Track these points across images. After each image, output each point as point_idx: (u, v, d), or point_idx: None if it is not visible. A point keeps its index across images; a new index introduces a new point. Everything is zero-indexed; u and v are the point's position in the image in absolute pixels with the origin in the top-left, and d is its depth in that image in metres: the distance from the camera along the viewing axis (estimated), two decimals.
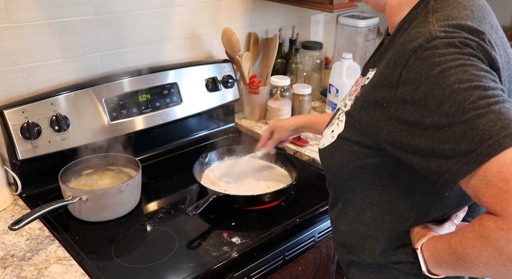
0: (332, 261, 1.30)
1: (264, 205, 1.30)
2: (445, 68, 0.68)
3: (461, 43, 0.70)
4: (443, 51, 0.70)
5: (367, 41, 2.07)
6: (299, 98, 1.78)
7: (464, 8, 0.75)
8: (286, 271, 1.17)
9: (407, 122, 0.73)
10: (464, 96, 0.67)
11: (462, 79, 0.67)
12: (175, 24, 1.59)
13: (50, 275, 1.03)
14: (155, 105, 1.49)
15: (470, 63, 0.69)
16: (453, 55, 0.69)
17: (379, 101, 0.78)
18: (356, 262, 0.96)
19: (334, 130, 0.92)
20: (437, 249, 0.76)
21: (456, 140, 0.67)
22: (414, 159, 0.74)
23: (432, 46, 0.71)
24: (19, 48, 1.29)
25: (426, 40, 0.71)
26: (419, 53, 0.71)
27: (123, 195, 1.23)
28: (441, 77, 0.68)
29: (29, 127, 1.24)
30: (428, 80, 0.70)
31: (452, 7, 0.76)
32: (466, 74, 0.68)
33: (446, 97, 0.68)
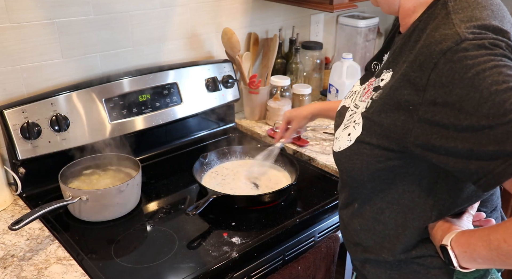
0: (332, 261, 1.30)
1: (264, 205, 1.30)
2: (479, 70, 0.69)
3: (490, 44, 0.71)
4: (474, 53, 0.70)
5: (367, 41, 2.07)
6: (299, 98, 1.78)
7: (484, 8, 0.76)
8: (286, 271, 1.17)
9: (440, 124, 0.73)
10: (503, 97, 0.67)
11: (499, 80, 0.68)
12: (175, 24, 1.59)
13: (50, 275, 1.03)
14: (155, 105, 1.49)
15: (503, 64, 0.70)
16: (485, 57, 0.70)
17: (404, 104, 0.78)
18: (372, 260, 0.97)
19: (351, 134, 0.91)
20: (472, 245, 0.77)
21: (499, 141, 0.68)
22: (449, 161, 0.74)
23: (462, 48, 0.71)
24: (19, 48, 1.29)
25: (455, 42, 0.71)
26: (449, 56, 0.71)
27: (123, 195, 1.23)
28: (476, 80, 0.69)
29: (29, 127, 1.24)
30: (462, 83, 0.70)
31: (472, 8, 0.76)
32: (501, 75, 0.68)
33: (484, 100, 0.68)
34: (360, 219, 0.97)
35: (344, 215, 1.03)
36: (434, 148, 0.75)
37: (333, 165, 1.48)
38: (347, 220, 1.02)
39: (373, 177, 0.90)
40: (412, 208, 0.89)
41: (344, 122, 0.97)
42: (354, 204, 0.99)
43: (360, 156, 0.89)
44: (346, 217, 1.02)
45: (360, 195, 0.96)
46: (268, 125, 1.78)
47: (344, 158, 0.93)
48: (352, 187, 0.97)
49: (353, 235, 1.00)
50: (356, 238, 0.99)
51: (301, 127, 1.43)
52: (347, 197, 1.01)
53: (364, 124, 0.88)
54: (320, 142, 1.64)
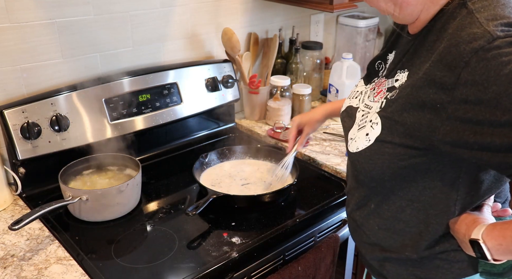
0: (332, 261, 1.30)
1: (264, 205, 1.30)
2: None
3: None
4: (508, 50, 0.71)
5: (367, 41, 2.07)
6: (299, 98, 1.78)
7: (505, 6, 0.77)
8: (286, 271, 1.17)
9: (473, 121, 0.74)
10: None
11: None
12: (175, 24, 1.59)
13: (50, 275, 1.03)
14: (155, 105, 1.49)
15: None
16: None
17: (429, 103, 0.78)
18: (393, 258, 0.98)
19: (369, 133, 0.91)
20: (508, 238, 0.79)
21: None
22: (484, 156, 0.76)
23: (495, 46, 0.72)
24: (19, 48, 1.29)
25: (487, 41, 0.72)
26: (482, 54, 0.72)
27: (123, 195, 1.23)
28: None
29: (29, 127, 1.24)
30: (499, 80, 0.71)
31: (494, 6, 0.77)
32: None
33: None
34: (378, 218, 0.97)
35: (358, 216, 1.03)
36: (466, 144, 0.76)
37: (333, 165, 1.48)
38: (361, 221, 1.02)
39: (394, 175, 0.90)
40: (434, 204, 0.89)
41: (357, 123, 0.97)
42: (370, 204, 0.99)
43: (382, 155, 0.89)
44: (360, 218, 1.02)
45: (377, 194, 0.96)
46: (268, 125, 1.78)
47: (364, 158, 0.92)
48: (369, 187, 0.97)
49: (369, 235, 1.00)
50: (373, 238, 0.99)
51: (314, 131, 1.39)
52: (362, 197, 1.00)
53: (383, 123, 0.88)
54: (320, 142, 1.64)
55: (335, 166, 1.47)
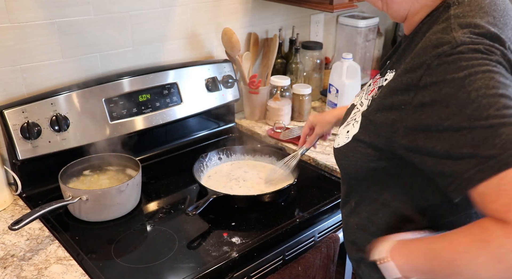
0: (332, 261, 1.30)
1: (264, 205, 1.30)
2: (472, 72, 0.68)
3: (486, 50, 0.70)
4: (469, 55, 0.70)
5: (367, 41, 2.07)
6: (299, 98, 1.78)
7: (486, 14, 0.75)
8: (286, 271, 1.17)
9: (425, 125, 0.73)
10: (490, 102, 0.67)
11: (489, 85, 0.67)
12: (175, 24, 1.59)
13: (50, 275, 1.03)
14: (155, 105, 1.49)
15: (496, 70, 0.69)
16: (480, 60, 0.69)
17: (396, 104, 0.78)
18: (366, 260, 0.95)
19: (350, 131, 0.91)
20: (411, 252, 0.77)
21: (475, 144, 0.67)
22: (428, 162, 0.74)
23: (458, 51, 0.71)
24: (19, 48, 1.29)
25: (451, 46, 0.71)
26: (444, 58, 0.71)
27: (123, 195, 1.23)
28: (467, 81, 0.68)
29: (29, 127, 1.24)
30: (453, 82, 0.70)
31: (474, 13, 0.75)
32: (493, 80, 0.68)
33: (471, 101, 0.68)
34: (357, 218, 0.97)
35: (343, 213, 1.03)
36: (417, 148, 0.75)
37: (333, 165, 1.48)
38: (345, 218, 1.02)
39: (367, 176, 0.90)
40: (404, 212, 0.87)
41: (347, 120, 0.97)
42: (351, 202, 0.99)
43: (355, 153, 0.89)
44: (344, 215, 1.03)
45: (356, 193, 0.96)
46: (268, 125, 1.78)
47: (341, 154, 0.93)
48: (349, 184, 0.98)
49: (350, 233, 1.00)
50: (353, 237, 0.99)
51: (325, 133, 1.36)
52: (345, 194, 1.01)
53: (361, 122, 0.88)
54: (320, 142, 1.64)
55: (335, 166, 1.47)
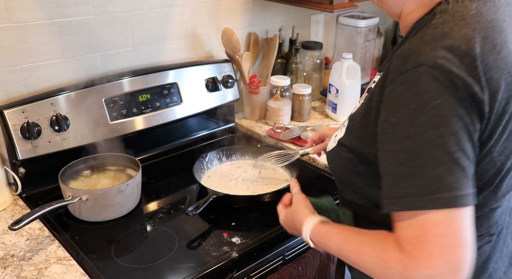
0: (332, 261, 1.30)
1: (264, 205, 1.30)
2: (422, 105, 0.68)
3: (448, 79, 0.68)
4: (425, 85, 0.68)
5: (367, 41, 2.07)
6: (299, 98, 1.78)
7: (466, 26, 0.72)
8: (286, 271, 1.17)
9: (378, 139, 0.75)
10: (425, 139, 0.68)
11: (431, 123, 0.67)
12: (175, 24, 1.59)
13: (50, 275, 1.03)
14: (155, 105, 1.49)
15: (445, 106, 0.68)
16: (433, 93, 0.68)
17: (369, 109, 0.79)
18: None
19: (337, 135, 0.93)
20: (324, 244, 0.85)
21: (400, 177, 0.70)
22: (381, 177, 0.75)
23: (417, 74, 0.69)
24: (19, 48, 1.29)
25: (414, 65, 0.70)
26: (405, 78, 0.70)
27: (123, 195, 1.23)
28: (414, 115, 0.69)
29: (29, 127, 1.24)
30: (403, 110, 0.70)
31: (453, 24, 0.72)
32: (437, 119, 0.67)
33: (410, 136, 0.69)
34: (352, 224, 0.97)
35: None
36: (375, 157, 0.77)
37: None
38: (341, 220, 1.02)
39: (351, 182, 0.90)
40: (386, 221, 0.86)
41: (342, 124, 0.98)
42: (344, 201, 0.99)
43: (339, 158, 0.90)
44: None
45: (346, 196, 0.95)
46: (268, 125, 1.78)
47: (330, 158, 0.94)
48: (339, 188, 0.98)
49: None
50: None
51: None
52: (340, 196, 1.01)
53: (347, 126, 0.89)
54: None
55: None
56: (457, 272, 0.65)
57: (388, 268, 0.70)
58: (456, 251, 0.65)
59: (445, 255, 0.65)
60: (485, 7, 0.75)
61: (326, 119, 1.85)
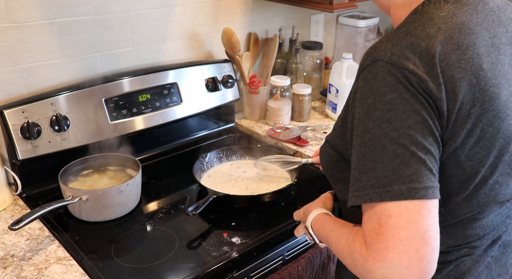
0: (332, 261, 1.30)
1: (264, 205, 1.30)
2: (377, 100, 0.70)
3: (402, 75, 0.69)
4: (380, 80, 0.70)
5: (367, 41, 2.07)
6: (299, 98, 1.78)
7: (431, 26, 0.72)
8: (286, 271, 1.17)
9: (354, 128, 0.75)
10: (380, 133, 0.69)
11: (384, 117, 0.69)
12: (175, 24, 1.59)
13: (50, 275, 1.03)
14: (155, 105, 1.49)
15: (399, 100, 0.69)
16: (388, 88, 0.69)
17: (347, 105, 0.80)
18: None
19: (327, 133, 0.94)
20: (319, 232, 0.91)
21: (362, 171, 0.71)
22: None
23: (375, 69, 0.71)
24: (19, 48, 1.29)
25: (373, 59, 0.72)
26: (366, 73, 0.73)
27: (123, 195, 1.23)
28: (371, 109, 0.71)
29: (29, 127, 1.24)
30: (363, 105, 0.72)
31: (419, 24, 0.73)
32: (390, 112, 0.69)
33: (368, 130, 0.71)
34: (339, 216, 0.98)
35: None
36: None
37: None
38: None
39: (335, 178, 0.91)
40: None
41: None
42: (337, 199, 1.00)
43: (324, 154, 0.92)
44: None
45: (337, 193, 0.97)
46: (268, 125, 1.78)
47: (320, 154, 0.95)
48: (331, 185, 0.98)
49: None
50: None
51: None
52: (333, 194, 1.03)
53: (335, 124, 0.90)
54: (320, 142, 1.64)
55: None
56: (412, 266, 0.65)
57: (354, 260, 0.72)
58: (409, 243, 0.65)
59: (397, 248, 0.65)
60: (460, 10, 0.75)
61: (326, 119, 1.85)
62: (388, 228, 0.66)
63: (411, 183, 0.67)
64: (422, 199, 0.66)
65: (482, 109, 0.73)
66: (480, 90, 0.72)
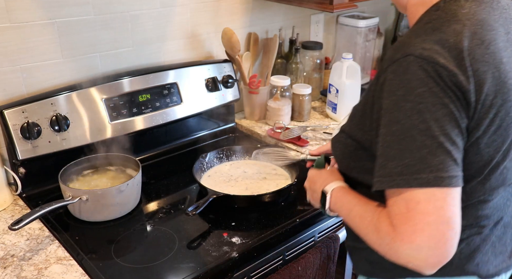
0: (332, 261, 1.30)
1: (264, 205, 1.30)
2: (408, 92, 0.74)
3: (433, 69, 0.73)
4: (411, 74, 0.74)
5: (367, 41, 2.07)
6: (299, 98, 1.78)
7: (456, 22, 0.77)
8: (286, 271, 1.17)
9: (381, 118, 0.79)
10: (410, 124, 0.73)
11: (415, 109, 0.73)
12: (175, 24, 1.59)
13: (50, 275, 1.03)
14: (155, 105, 1.49)
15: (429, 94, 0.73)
16: (419, 81, 0.73)
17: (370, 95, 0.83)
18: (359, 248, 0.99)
19: (341, 123, 0.98)
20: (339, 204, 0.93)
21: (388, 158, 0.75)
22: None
23: (405, 63, 0.75)
24: (19, 48, 1.29)
25: (403, 54, 0.76)
26: (395, 66, 0.76)
27: (123, 195, 1.23)
28: (401, 101, 0.74)
29: (29, 127, 1.24)
30: (392, 97, 0.76)
31: (445, 20, 0.78)
32: (421, 105, 0.73)
33: (397, 120, 0.75)
34: None
35: None
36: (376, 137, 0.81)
37: None
38: None
39: (350, 167, 0.95)
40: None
41: None
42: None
43: (340, 143, 0.95)
44: None
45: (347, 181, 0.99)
46: (268, 125, 1.78)
47: (332, 144, 1.00)
48: (343, 173, 1.01)
49: None
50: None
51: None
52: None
53: (350, 115, 0.94)
54: (320, 142, 1.64)
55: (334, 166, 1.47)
56: (437, 248, 0.71)
57: (380, 238, 0.77)
58: (436, 228, 0.70)
59: (425, 232, 0.70)
60: (479, 7, 0.80)
61: (326, 119, 1.85)
62: (416, 213, 0.71)
63: (438, 172, 0.71)
64: (448, 187, 0.71)
65: (502, 100, 0.78)
66: (501, 83, 0.78)
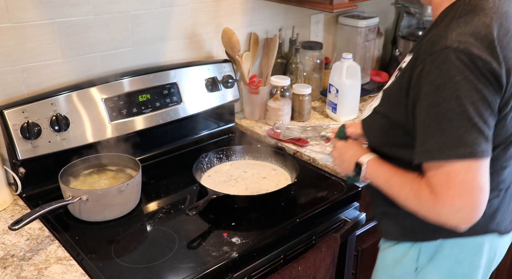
0: (332, 261, 1.30)
1: (264, 205, 1.30)
2: (447, 81, 0.85)
3: (469, 59, 0.84)
4: (450, 64, 0.85)
5: (367, 41, 2.07)
6: (299, 98, 1.78)
7: (485, 16, 0.89)
8: (286, 271, 1.17)
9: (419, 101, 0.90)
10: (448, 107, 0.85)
11: (453, 95, 0.85)
12: (175, 24, 1.59)
13: (50, 275, 1.03)
14: (155, 105, 1.49)
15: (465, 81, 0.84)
16: (456, 71, 0.84)
17: (405, 83, 0.94)
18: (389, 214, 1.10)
19: (372, 105, 1.09)
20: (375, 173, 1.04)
21: (427, 136, 0.88)
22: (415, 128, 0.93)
23: (444, 55, 0.86)
24: (19, 48, 1.29)
25: (441, 47, 0.86)
26: (433, 58, 0.87)
27: (123, 195, 1.23)
28: (441, 88, 0.86)
29: (29, 127, 1.25)
30: (432, 84, 0.87)
31: (474, 14, 0.89)
32: (458, 91, 0.85)
33: (437, 104, 0.87)
34: None
35: None
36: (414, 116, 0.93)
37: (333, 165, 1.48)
38: None
39: (383, 143, 1.06)
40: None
41: None
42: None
43: (373, 123, 1.08)
44: None
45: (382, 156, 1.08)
46: (268, 125, 1.78)
47: (365, 123, 1.11)
48: (375, 150, 1.10)
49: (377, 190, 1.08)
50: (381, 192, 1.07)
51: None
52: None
53: (382, 97, 1.06)
54: (320, 142, 1.64)
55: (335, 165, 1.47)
56: (473, 211, 0.86)
57: (420, 204, 0.91)
58: (472, 194, 0.85)
59: (464, 197, 0.85)
60: (501, 1, 0.92)
61: (326, 119, 1.85)
62: (456, 182, 0.85)
63: (472, 147, 0.84)
64: (481, 159, 0.85)
65: None
66: None
